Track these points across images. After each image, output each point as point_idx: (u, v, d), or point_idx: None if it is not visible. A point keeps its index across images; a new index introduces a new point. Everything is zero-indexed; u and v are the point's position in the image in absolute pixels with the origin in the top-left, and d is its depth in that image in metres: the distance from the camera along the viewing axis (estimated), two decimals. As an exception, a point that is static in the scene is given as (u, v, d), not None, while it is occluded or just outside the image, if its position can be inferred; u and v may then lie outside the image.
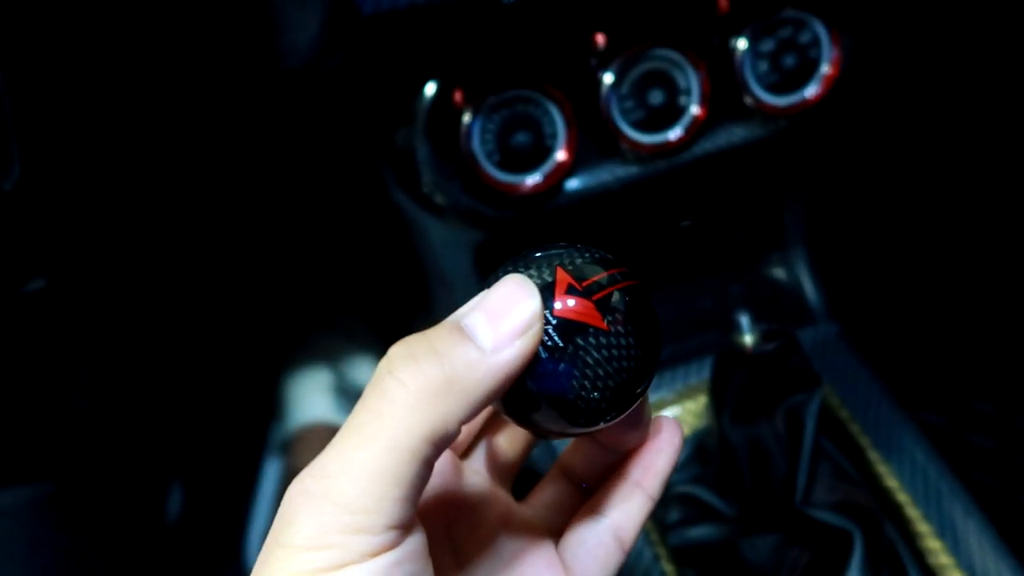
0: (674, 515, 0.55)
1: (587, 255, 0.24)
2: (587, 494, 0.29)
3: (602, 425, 0.24)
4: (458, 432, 0.21)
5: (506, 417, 0.25)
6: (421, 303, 0.71)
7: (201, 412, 0.81)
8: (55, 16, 0.39)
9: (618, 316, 0.23)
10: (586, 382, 0.22)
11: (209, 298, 0.80)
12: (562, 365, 0.22)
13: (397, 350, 0.21)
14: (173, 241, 0.70)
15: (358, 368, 0.86)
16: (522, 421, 0.24)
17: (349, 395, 0.85)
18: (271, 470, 0.83)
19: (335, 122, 0.60)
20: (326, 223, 0.79)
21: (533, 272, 0.23)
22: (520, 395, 0.23)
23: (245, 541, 0.79)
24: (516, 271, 0.24)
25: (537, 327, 0.22)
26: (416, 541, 0.21)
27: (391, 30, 0.50)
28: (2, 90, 0.36)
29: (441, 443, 0.21)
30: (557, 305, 0.23)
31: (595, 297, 0.23)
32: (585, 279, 0.23)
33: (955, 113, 0.74)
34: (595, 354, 0.22)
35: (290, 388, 0.87)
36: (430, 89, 0.54)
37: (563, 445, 0.31)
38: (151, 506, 0.74)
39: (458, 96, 0.54)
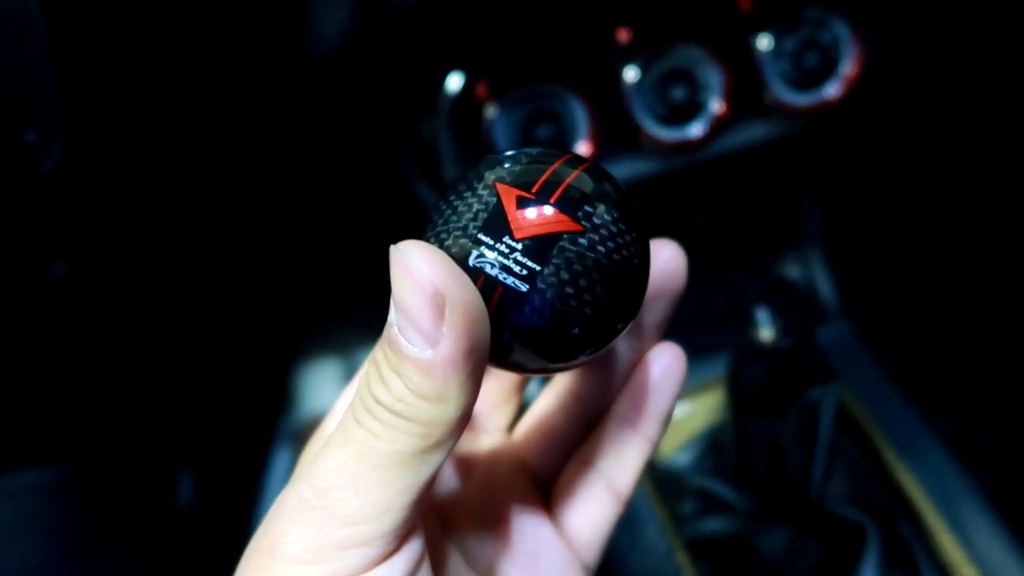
0: (689, 508, 0.55)
1: (520, 157, 0.20)
2: (582, 425, 0.26)
3: (614, 341, 0.20)
4: (460, 427, 0.19)
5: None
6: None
7: (213, 400, 0.82)
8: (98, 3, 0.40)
9: (591, 207, 0.19)
10: (583, 296, 0.19)
11: (224, 288, 0.81)
12: (547, 292, 0.19)
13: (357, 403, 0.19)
14: (190, 230, 0.70)
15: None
16: (505, 366, 0.21)
17: (360, 387, 0.85)
18: (281, 460, 0.84)
19: (360, 112, 0.61)
20: (343, 213, 0.80)
21: (469, 199, 0.19)
22: (499, 342, 0.19)
23: (254, 529, 0.79)
24: (440, 207, 0.20)
25: (458, 297, 0.17)
26: (415, 546, 0.20)
27: (418, 21, 0.50)
28: (50, 75, 0.37)
29: (447, 439, 0.19)
30: (514, 225, 0.19)
31: (553, 198, 0.19)
32: (534, 183, 0.19)
33: (975, 114, 0.74)
34: (585, 260, 0.19)
35: (302, 379, 0.87)
36: (454, 81, 0.55)
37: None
38: (163, 491, 0.74)
39: (482, 89, 0.55)
